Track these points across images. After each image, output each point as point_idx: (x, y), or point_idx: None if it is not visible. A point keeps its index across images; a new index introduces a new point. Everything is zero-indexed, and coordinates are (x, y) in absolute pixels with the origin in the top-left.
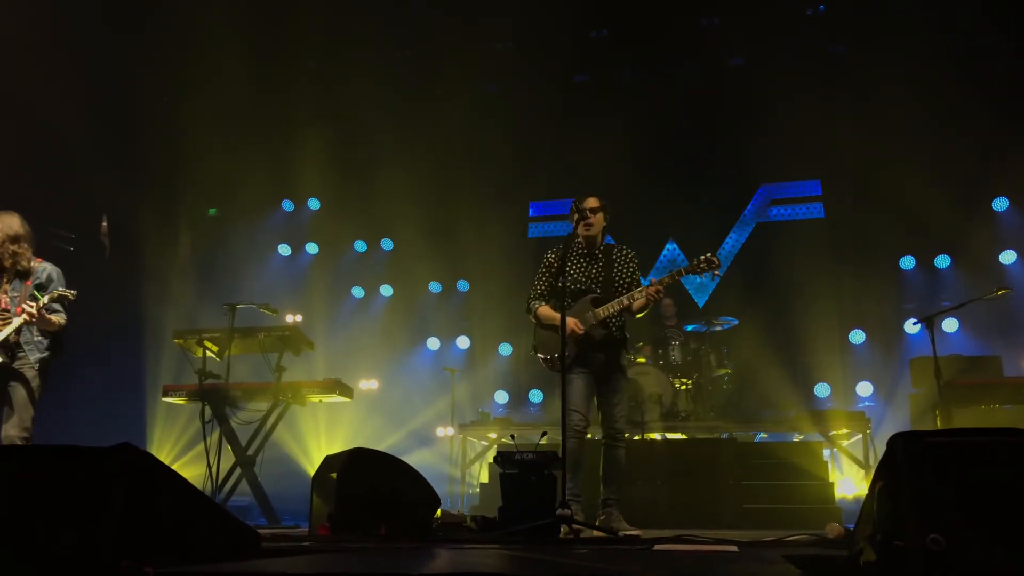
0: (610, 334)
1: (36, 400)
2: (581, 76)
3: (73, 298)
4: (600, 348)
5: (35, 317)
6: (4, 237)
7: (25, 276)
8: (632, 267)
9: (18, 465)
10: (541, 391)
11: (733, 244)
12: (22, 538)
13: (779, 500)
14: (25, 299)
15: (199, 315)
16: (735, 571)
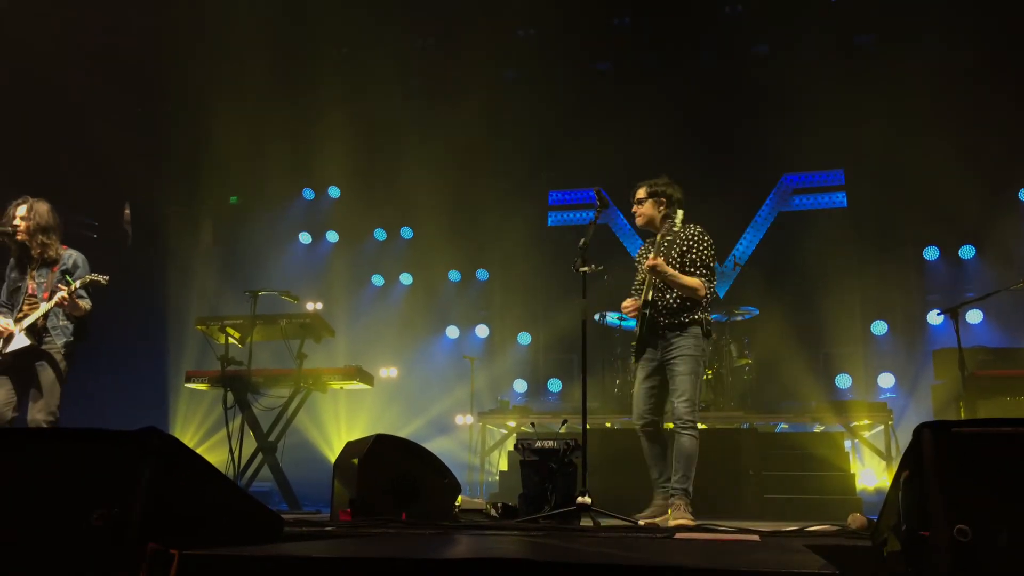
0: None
1: (62, 384)
2: (603, 64)
3: (106, 283)
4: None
5: (67, 301)
6: (34, 226)
7: (52, 263)
8: (681, 248)
9: (48, 447)
10: (560, 380)
11: (754, 234)
12: (54, 518)
13: (800, 491)
14: (52, 285)
15: (221, 302)
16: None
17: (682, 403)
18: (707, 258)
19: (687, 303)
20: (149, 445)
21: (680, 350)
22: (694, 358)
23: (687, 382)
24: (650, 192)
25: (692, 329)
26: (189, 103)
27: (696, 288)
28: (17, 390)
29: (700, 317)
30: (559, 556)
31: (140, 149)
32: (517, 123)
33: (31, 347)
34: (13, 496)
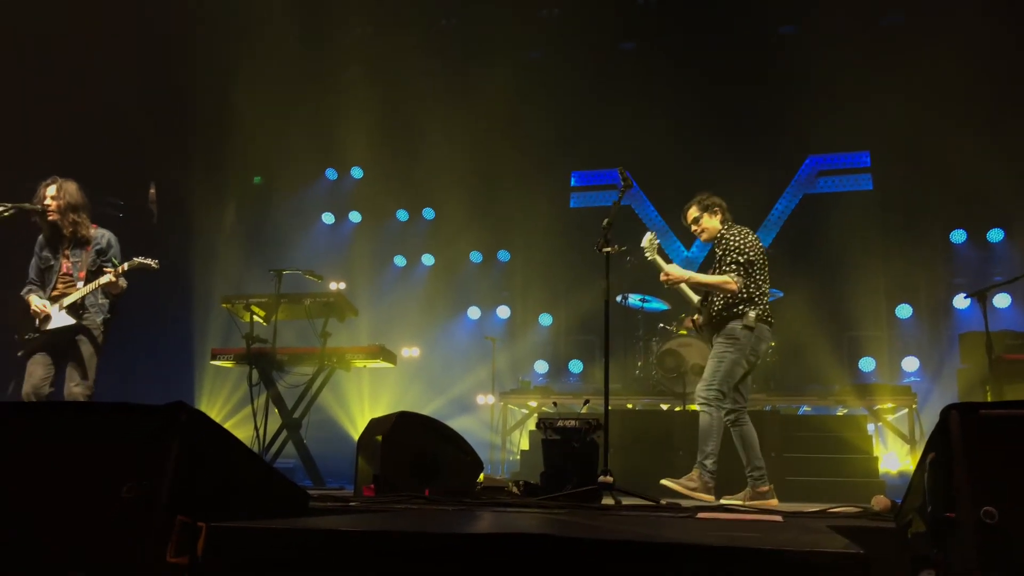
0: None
1: (98, 359)
2: (627, 44)
3: (157, 267)
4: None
5: (113, 282)
6: (65, 205)
7: (85, 243)
8: (721, 250)
9: (81, 421)
10: (581, 361)
11: (779, 215)
12: (86, 490)
13: (822, 473)
14: (87, 264)
15: (246, 281)
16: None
17: (701, 384)
18: (735, 254)
19: (727, 300)
20: (178, 419)
21: (717, 339)
22: (723, 344)
23: (710, 366)
24: (701, 208)
25: (732, 324)
26: (213, 84)
27: (723, 284)
28: (54, 366)
29: (743, 311)
30: (581, 533)
31: (165, 130)
32: (540, 104)
33: (72, 324)
34: (48, 467)
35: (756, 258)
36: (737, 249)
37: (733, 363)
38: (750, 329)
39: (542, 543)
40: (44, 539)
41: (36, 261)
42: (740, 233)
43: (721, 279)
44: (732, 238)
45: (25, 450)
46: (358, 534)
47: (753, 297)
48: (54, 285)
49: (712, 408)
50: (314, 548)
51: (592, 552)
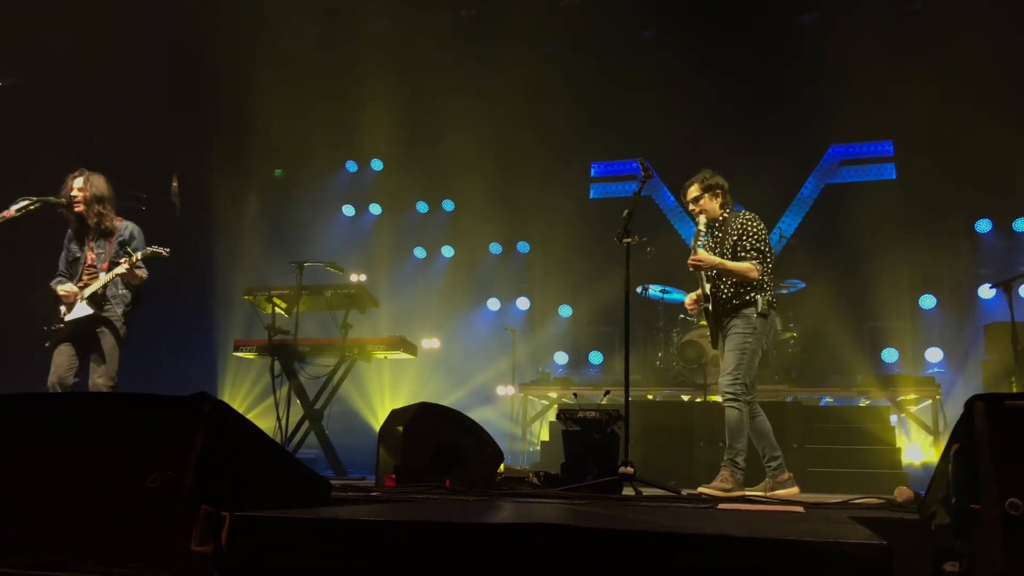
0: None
1: (121, 350)
2: (648, 32)
3: (167, 256)
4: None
5: (129, 271)
6: (91, 196)
7: (109, 234)
8: (734, 235)
9: (107, 411)
10: (601, 353)
11: (801, 205)
12: (113, 479)
13: (844, 464)
14: (110, 256)
15: (268, 273)
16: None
17: (725, 378)
18: (757, 242)
19: (741, 288)
20: (201, 410)
21: (732, 330)
22: (741, 335)
23: (731, 358)
24: (704, 187)
25: (745, 311)
26: (235, 78)
27: (747, 271)
28: (79, 356)
29: (753, 298)
30: (602, 523)
31: (187, 123)
32: (560, 94)
33: (93, 315)
34: (75, 457)
35: (768, 246)
36: (756, 235)
37: (753, 353)
38: (764, 316)
39: (563, 533)
40: (70, 527)
41: (64, 254)
42: (755, 219)
43: (745, 266)
44: (748, 224)
45: (51, 440)
46: (380, 524)
47: (764, 284)
48: (80, 276)
49: (740, 403)
50: (337, 537)
51: (613, 542)
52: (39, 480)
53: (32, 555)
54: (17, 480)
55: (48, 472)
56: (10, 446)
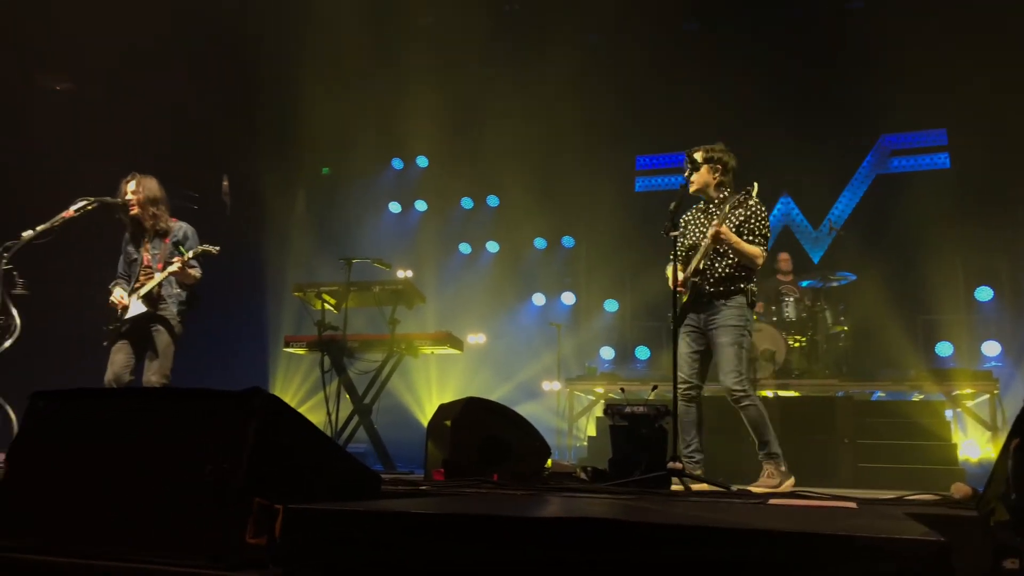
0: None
1: (175, 348)
2: (691, 24)
3: (216, 253)
4: (698, 303)
5: (180, 270)
6: (144, 199)
7: (164, 235)
8: (740, 217)
9: (165, 405)
10: (648, 348)
11: (851, 197)
12: (169, 473)
13: (898, 460)
14: (165, 256)
15: (317, 269)
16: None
17: (730, 377)
18: (763, 228)
19: (738, 272)
20: (254, 404)
21: (723, 319)
22: (737, 328)
23: (732, 355)
24: (706, 158)
25: (736, 299)
26: (282, 78)
27: (755, 256)
28: (135, 354)
29: (746, 287)
30: (651, 517)
31: (236, 124)
32: (603, 87)
33: (148, 313)
34: (134, 451)
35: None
36: (764, 221)
37: (748, 346)
38: (752, 307)
39: (611, 528)
40: (129, 519)
41: (123, 256)
42: (760, 204)
43: (755, 251)
44: (757, 208)
45: (112, 434)
46: (432, 516)
47: (755, 273)
48: (136, 277)
49: (752, 397)
50: (389, 529)
51: (663, 537)
52: (100, 472)
53: (93, 545)
54: (79, 472)
55: (108, 465)
56: (72, 439)
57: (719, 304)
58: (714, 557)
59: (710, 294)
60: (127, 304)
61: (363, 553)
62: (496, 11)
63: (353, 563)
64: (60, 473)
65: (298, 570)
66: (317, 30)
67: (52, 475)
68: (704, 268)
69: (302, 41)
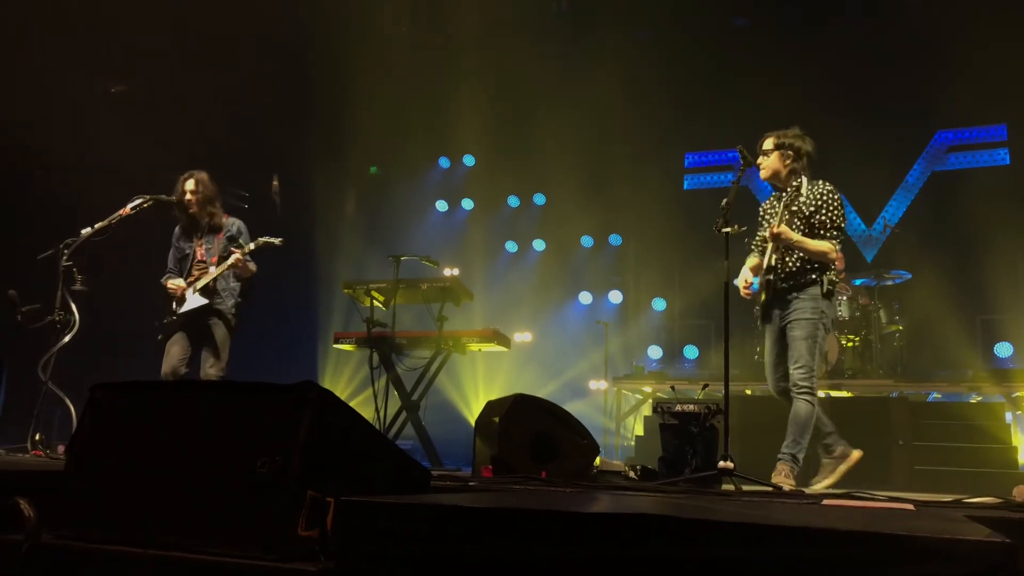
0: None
1: (231, 341)
2: (741, 20)
3: (280, 244)
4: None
5: (241, 262)
6: (203, 198)
7: (217, 230)
8: (809, 208)
9: (220, 397)
10: (696, 347)
11: (905, 195)
12: (225, 463)
13: (955, 463)
14: (219, 251)
15: (366, 266)
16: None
17: (797, 369)
18: (837, 219)
19: (809, 264)
20: (308, 398)
21: (797, 313)
22: (811, 322)
23: (803, 347)
24: (777, 144)
25: (810, 290)
26: (331, 77)
27: (826, 252)
28: (191, 347)
29: (821, 278)
30: (704, 515)
31: (286, 123)
32: (652, 84)
33: (205, 307)
34: (190, 443)
35: (845, 222)
36: (837, 211)
37: (823, 340)
38: (828, 298)
39: (662, 524)
40: (185, 509)
41: (173, 251)
42: (835, 192)
43: (824, 246)
44: (829, 196)
45: (169, 425)
46: (486, 510)
47: (834, 267)
48: (189, 271)
49: (814, 397)
50: (441, 523)
51: (717, 534)
52: (156, 464)
53: (150, 535)
54: (137, 464)
55: (165, 456)
56: (130, 431)
57: (792, 298)
58: (770, 556)
59: (783, 289)
60: (185, 291)
61: (414, 546)
62: (545, 9)
63: (404, 556)
64: (118, 464)
65: (349, 562)
66: (366, 30)
67: (111, 466)
68: (775, 263)
69: (351, 41)
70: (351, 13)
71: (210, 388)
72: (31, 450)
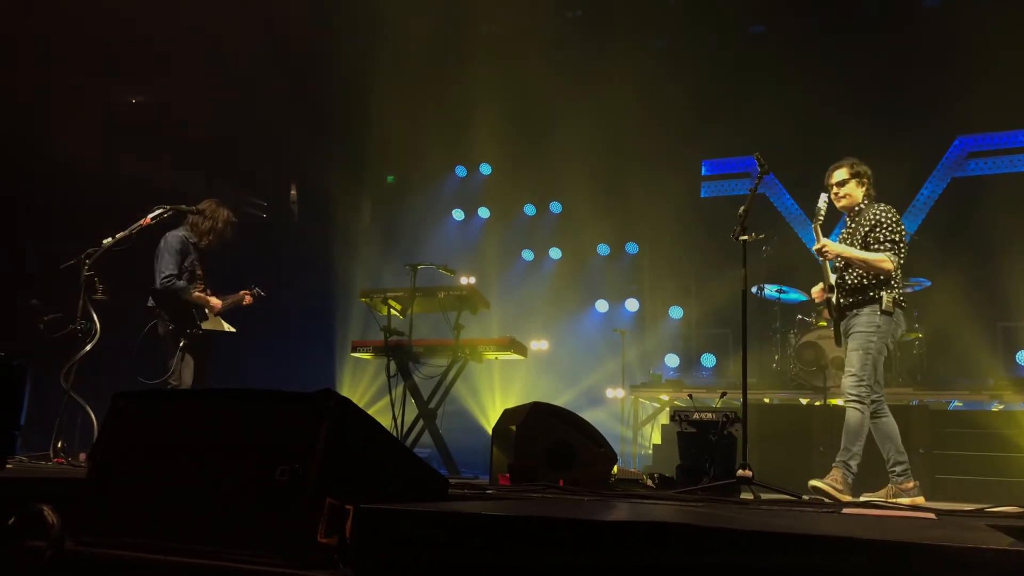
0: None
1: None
2: (757, 27)
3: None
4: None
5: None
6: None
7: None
8: (867, 225)
9: (240, 405)
10: (714, 355)
11: (925, 201)
12: (244, 471)
13: (976, 472)
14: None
15: (383, 275)
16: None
17: (847, 377)
18: (892, 234)
19: (867, 280)
20: (326, 406)
21: (854, 327)
22: (864, 334)
23: (854, 358)
24: (852, 173)
25: (869, 307)
26: (349, 88)
27: (878, 262)
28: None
29: (877, 295)
30: (724, 523)
31: (304, 132)
32: (668, 92)
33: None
34: (210, 450)
35: (903, 238)
36: (890, 227)
37: (878, 353)
38: (889, 314)
39: (681, 532)
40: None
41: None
42: (891, 211)
43: (877, 257)
44: (885, 214)
45: (190, 433)
46: (504, 518)
47: (892, 280)
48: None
49: (864, 406)
50: (459, 531)
51: (738, 543)
52: (177, 470)
53: (171, 541)
54: (158, 470)
55: (185, 463)
56: (151, 439)
57: (851, 315)
58: (789, 565)
59: (844, 306)
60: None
61: (432, 553)
62: (559, 17)
63: (422, 563)
64: (139, 472)
65: (368, 569)
66: (383, 41)
67: (132, 474)
68: (837, 282)
69: (368, 52)
70: (369, 23)
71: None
72: (53, 458)
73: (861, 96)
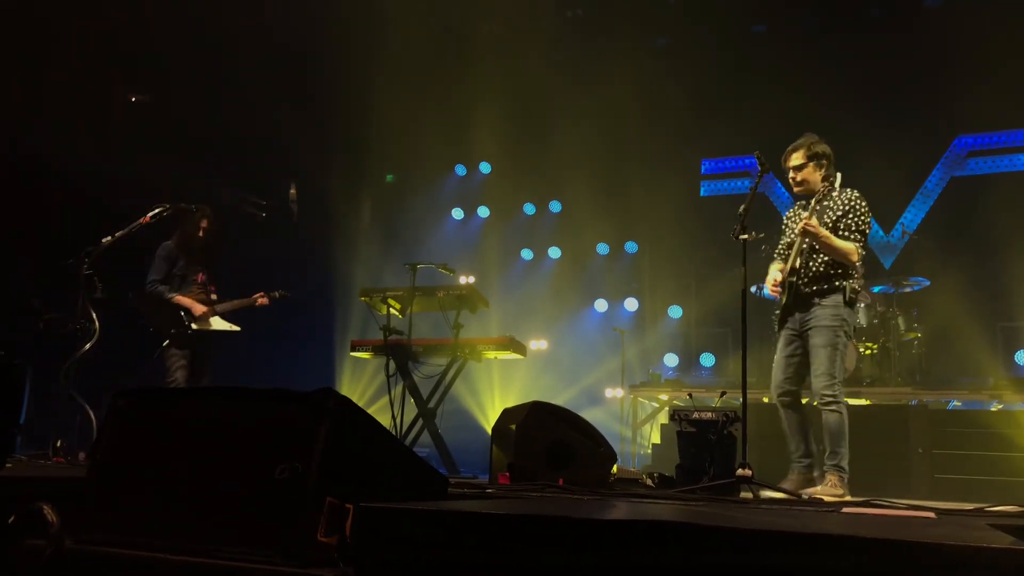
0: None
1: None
2: (759, 26)
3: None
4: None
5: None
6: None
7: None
8: (836, 213)
9: (240, 404)
10: (713, 355)
11: (924, 200)
12: (245, 469)
13: (976, 471)
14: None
15: (382, 274)
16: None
17: (819, 379)
18: (862, 224)
19: (833, 269)
20: (327, 405)
21: (818, 319)
22: (832, 329)
23: (824, 356)
24: (809, 155)
25: (832, 297)
26: (349, 87)
27: (848, 253)
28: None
29: (843, 284)
30: (723, 522)
31: (303, 131)
32: (668, 91)
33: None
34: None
35: (869, 228)
36: (863, 216)
37: (845, 347)
38: (850, 306)
39: (681, 531)
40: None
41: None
42: (861, 198)
43: (848, 247)
44: (858, 202)
45: (189, 432)
46: (503, 517)
47: (856, 273)
48: (188, 291)
49: (840, 404)
50: (459, 529)
51: (737, 542)
52: (177, 469)
53: (171, 540)
54: (157, 469)
55: (185, 462)
56: (151, 437)
57: (814, 303)
58: (789, 564)
59: (805, 294)
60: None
61: (432, 553)
62: (559, 16)
63: (422, 562)
64: (139, 471)
65: (368, 568)
66: (383, 40)
67: (132, 473)
68: (799, 266)
69: (367, 51)
70: (368, 22)
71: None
72: (52, 457)
73: (861, 95)
